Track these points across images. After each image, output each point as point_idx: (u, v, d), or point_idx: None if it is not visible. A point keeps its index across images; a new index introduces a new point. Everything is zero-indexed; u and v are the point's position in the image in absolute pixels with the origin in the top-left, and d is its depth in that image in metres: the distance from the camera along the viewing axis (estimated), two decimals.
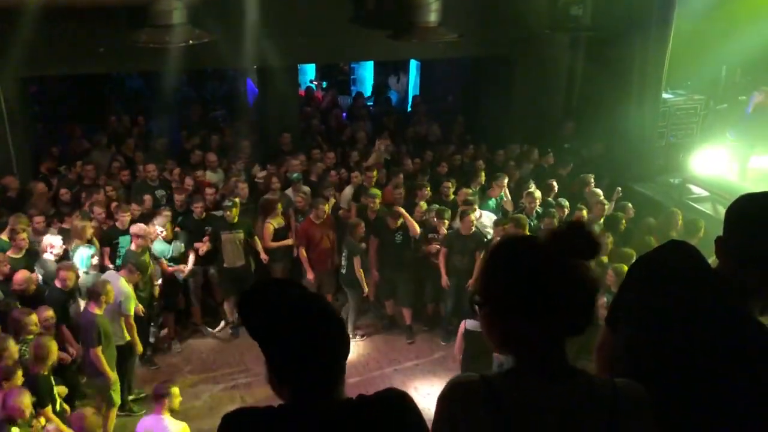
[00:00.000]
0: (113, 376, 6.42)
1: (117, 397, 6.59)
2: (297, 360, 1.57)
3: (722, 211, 8.84)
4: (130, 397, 7.24)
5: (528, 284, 1.51)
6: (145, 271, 7.07)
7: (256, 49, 9.28)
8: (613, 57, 10.65)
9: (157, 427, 5.25)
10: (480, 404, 1.53)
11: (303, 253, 8.25)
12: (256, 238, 8.32)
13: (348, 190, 9.09)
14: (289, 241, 8.50)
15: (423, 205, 8.53)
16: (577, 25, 10.58)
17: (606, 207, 8.50)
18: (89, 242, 7.39)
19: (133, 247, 7.32)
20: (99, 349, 6.24)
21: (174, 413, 5.51)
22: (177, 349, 8.28)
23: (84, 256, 7.22)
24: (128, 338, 6.87)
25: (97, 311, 6.27)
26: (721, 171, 10.07)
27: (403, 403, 1.69)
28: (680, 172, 10.21)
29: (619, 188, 9.37)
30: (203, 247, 8.01)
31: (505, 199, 9.12)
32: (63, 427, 5.26)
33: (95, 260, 7.31)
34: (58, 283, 6.68)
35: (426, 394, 7.36)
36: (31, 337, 5.85)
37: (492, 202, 8.94)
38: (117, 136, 10.75)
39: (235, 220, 8.02)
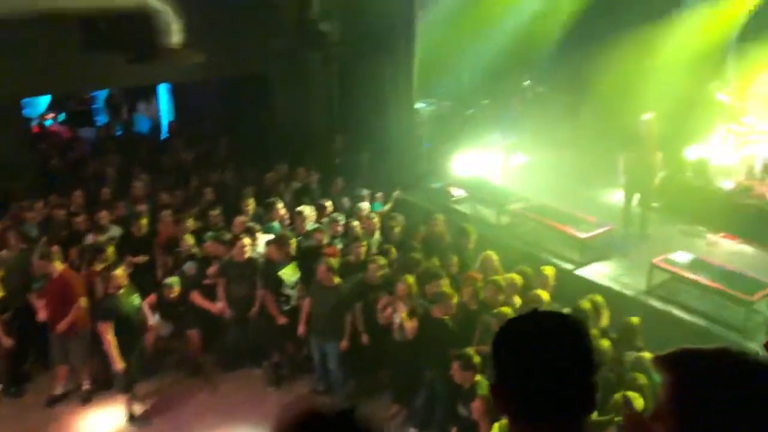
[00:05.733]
0: None
1: None
2: None
3: (481, 209, 9.53)
4: None
5: None
6: None
7: None
8: (366, 71, 10.84)
9: None
10: None
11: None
12: None
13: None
14: None
15: (188, 238, 7.86)
16: (327, 42, 10.55)
17: (376, 221, 8.48)
18: None
19: None
20: None
21: None
22: None
23: None
24: None
25: None
26: (477, 171, 10.70)
27: None
28: (442, 177, 10.65)
29: (397, 191, 9.54)
30: None
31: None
32: None
33: None
34: None
35: None
36: None
37: (276, 225, 8.51)
38: None
39: None
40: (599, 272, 8.18)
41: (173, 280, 7.41)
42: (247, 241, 7.47)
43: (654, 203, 8.68)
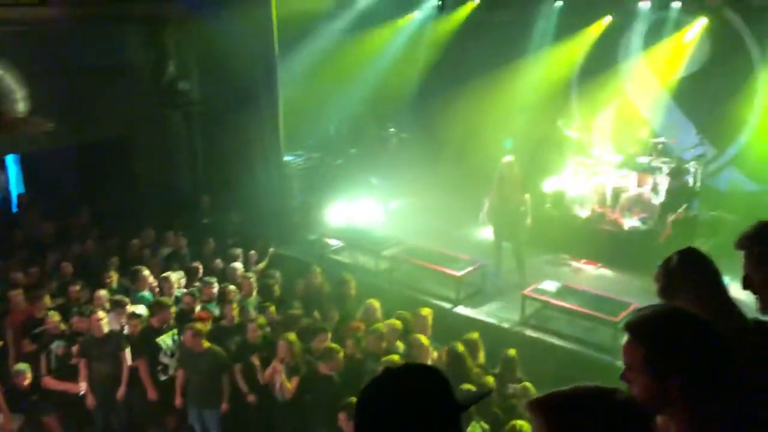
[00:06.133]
0: None
1: None
2: None
3: (359, 257, 9.60)
4: None
5: None
6: None
7: None
8: (231, 127, 10.72)
9: None
10: None
11: None
12: None
13: None
14: None
15: (54, 315, 7.29)
16: (187, 101, 10.38)
17: (253, 280, 8.27)
18: None
19: None
20: None
21: None
22: None
23: None
24: None
25: None
26: (351, 219, 10.80)
27: None
28: (317, 228, 10.62)
29: (272, 248, 9.45)
30: None
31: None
32: None
33: None
34: None
35: None
36: None
37: (146, 295, 8.09)
38: None
39: None
40: (476, 308, 8.41)
41: (23, 367, 6.81)
42: (102, 314, 7.01)
43: (522, 237, 9.05)
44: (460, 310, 8.37)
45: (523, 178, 8.98)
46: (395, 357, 6.18)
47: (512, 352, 6.51)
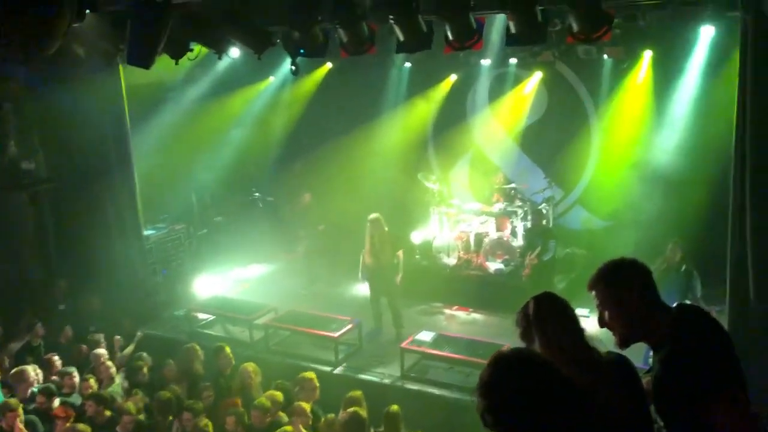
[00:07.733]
0: None
1: None
2: None
3: (231, 328, 9.27)
4: None
5: None
6: None
7: None
8: (84, 204, 10.12)
9: None
10: None
11: None
12: None
13: None
14: None
15: None
16: (32, 180, 9.73)
17: (113, 370, 7.71)
18: None
19: None
20: None
21: None
22: None
23: None
24: None
25: None
26: (219, 291, 10.46)
27: None
28: (184, 303, 10.17)
29: (139, 332, 8.96)
30: None
31: None
32: None
33: None
34: None
35: None
36: None
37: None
38: None
39: None
40: (356, 367, 8.34)
41: None
42: None
43: (396, 291, 9.15)
44: (340, 371, 8.26)
45: (393, 234, 9.18)
46: (289, 428, 5.96)
47: (395, 408, 6.47)
